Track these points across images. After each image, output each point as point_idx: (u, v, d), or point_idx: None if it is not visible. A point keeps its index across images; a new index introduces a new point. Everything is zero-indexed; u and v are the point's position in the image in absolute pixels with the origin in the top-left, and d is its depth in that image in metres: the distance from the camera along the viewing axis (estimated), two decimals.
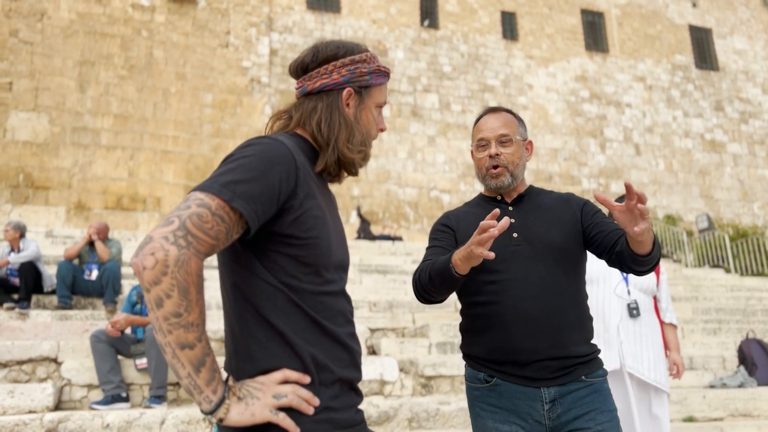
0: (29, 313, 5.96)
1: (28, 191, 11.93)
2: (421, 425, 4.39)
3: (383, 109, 1.43)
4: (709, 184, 17.39)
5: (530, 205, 1.88)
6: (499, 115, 1.90)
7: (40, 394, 4.15)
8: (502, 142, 1.85)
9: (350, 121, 1.31)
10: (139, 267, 1.03)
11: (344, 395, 1.20)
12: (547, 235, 1.80)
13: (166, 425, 3.94)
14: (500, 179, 1.84)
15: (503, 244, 1.79)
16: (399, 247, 11.65)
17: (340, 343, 1.20)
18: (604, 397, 1.75)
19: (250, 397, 1.10)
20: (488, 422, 1.74)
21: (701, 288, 10.73)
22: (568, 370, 1.72)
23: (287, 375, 1.13)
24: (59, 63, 12.68)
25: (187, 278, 1.04)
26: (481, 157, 1.87)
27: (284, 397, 1.10)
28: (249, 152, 1.16)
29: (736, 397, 4.91)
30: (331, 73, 1.31)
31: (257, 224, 1.12)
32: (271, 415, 1.09)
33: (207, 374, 1.06)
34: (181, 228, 1.05)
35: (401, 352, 5.56)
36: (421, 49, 15.99)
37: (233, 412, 1.08)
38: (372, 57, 1.37)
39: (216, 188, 1.10)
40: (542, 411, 1.71)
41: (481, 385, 1.78)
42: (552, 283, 1.75)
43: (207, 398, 1.07)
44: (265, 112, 14.00)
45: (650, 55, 18.14)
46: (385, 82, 1.38)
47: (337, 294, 1.24)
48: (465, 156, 15.36)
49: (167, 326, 1.03)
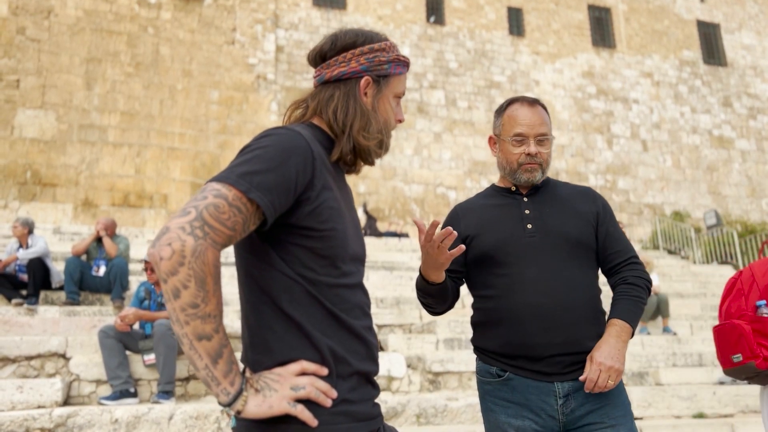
0: (37, 309, 5.99)
1: (36, 188, 11.98)
2: (429, 421, 4.37)
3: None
4: (717, 181, 17.28)
5: (546, 197, 1.84)
6: (536, 110, 1.83)
7: (48, 390, 4.16)
8: (540, 141, 1.81)
9: (367, 109, 1.28)
10: (156, 257, 1.02)
11: (361, 388, 1.19)
12: (562, 227, 1.77)
13: (174, 420, 3.94)
14: (534, 174, 1.81)
15: (517, 236, 1.76)
16: (405, 243, 11.64)
17: (357, 336, 1.19)
18: (619, 392, 1.73)
19: (268, 389, 1.09)
20: (501, 417, 1.72)
21: (709, 284, 10.67)
22: (582, 364, 1.70)
23: (305, 367, 1.12)
24: (66, 60, 12.71)
25: (204, 269, 1.03)
26: (517, 152, 1.81)
27: (302, 389, 1.09)
28: (266, 143, 1.15)
29: (747, 393, 4.87)
30: (350, 62, 1.29)
31: (274, 215, 1.11)
32: (288, 407, 1.08)
33: (224, 366, 1.06)
34: (198, 219, 1.04)
35: (409, 348, 5.55)
36: (427, 45, 15.94)
37: (251, 404, 1.07)
38: (391, 46, 1.34)
39: (233, 179, 1.09)
40: (556, 406, 1.68)
41: (493, 380, 1.76)
42: (566, 277, 1.72)
43: (224, 390, 1.06)
44: (271, 109, 14.00)
45: (657, 50, 18.03)
46: (405, 72, 1.35)
47: (354, 287, 1.23)
48: (471, 152, 15.31)
49: (184, 317, 1.03)
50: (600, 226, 1.82)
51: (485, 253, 1.78)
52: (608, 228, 1.82)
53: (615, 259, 1.80)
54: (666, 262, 12.73)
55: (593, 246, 1.81)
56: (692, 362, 6.05)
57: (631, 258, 1.82)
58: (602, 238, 1.81)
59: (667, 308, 7.27)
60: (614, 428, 1.66)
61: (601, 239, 1.81)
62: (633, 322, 1.70)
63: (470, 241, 1.81)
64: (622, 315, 1.70)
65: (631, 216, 16.24)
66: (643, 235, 15.97)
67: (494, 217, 1.82)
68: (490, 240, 1.78)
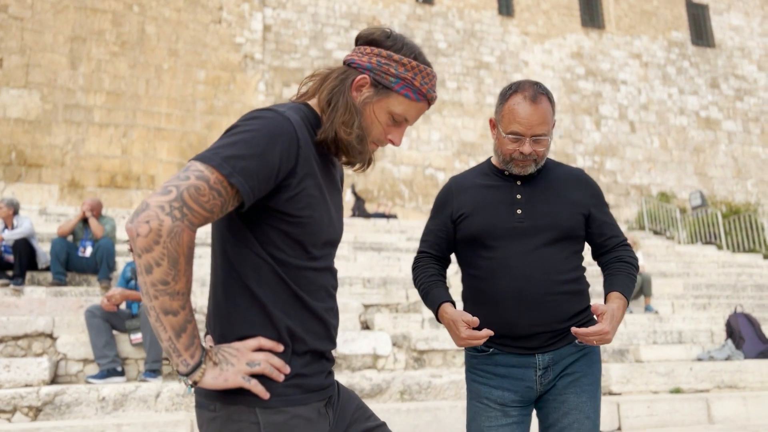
0: (24, 289, 5.99)
1: (21, 169, 11.88)
2: (413, 397, 4.46)
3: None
4: (704, 162, 17.42)
5: (539, 182, 1.85)
6: (538, 107, 1.73)
7: (36, 368, 4.19)
8: (537, 140, 1.75)
9: (352, 105, 1.27)
10: (133, 233, 1.06)
11: (315, 363, 1.25)
12: (551, 215, 1.80)
13: (161, 398, 3.99)
14: (525, 169, 1.80)
15: (506, 221, 1.80)
16: (394, 224, 11.69)
17: (317, 317, 1.25)
18: (592, 362, 1.81)
19: (225, 362, 1.15)
20: (482, 387, 1.81)
21: (693, 264, 10.83)
22: (561, 335, 1.77)
23: (262, 343, 1.18)
24: (50, 39, 12.52)
25: (178, 249, 1.07)
26: (511, 148, 1.77)
27: (257, 365, 1.16)
28: (253, 126, 1.17)
29: (723, 369, 4.99)
30: (364, 55, 1.29)
31: (252, 200, 1.15)
32: (243, 381, 1.15)
33: (187, 340, 1.12)
34: (177, 199, 1.08)
35: (394, 327, 5.63)
36: (416, 25, 15.84)
37: (208, 377, 1.14)
38: (417, 68, 1.28)
39: (216, 161, 1.12)
40: (535, 377, 1.77)
41: (479, 354, 1.84)
42: (549, 263, 1.77)
43: (184, 361, 1.13)
44: (259, 89, 13.90)
45: (646, 31, 18.03)
46: (413, 99, 1.29)
47: (323, 270, 1.28)
48: (460, 133, 15.32)
49: (154, 291, 1.08)
50: (592, 214, 1.86)
51: (474, 235, 1.82)
52: (601, 216, 1.88)
53: (609, 243, 1.88)
54: (651, 243, 12.88)
55: (581, 234, 1.85)
56: (672, 340, 6.18)
57: (624, 241, 1.90)
58: (596, 225, 1.86)
59: (650, 288, 7.40)
60: (578, 395, 1.76)
61: (594, 226, 1.86)
62: (629, 298, 1.80)
63: (462, 220, 1.85)
64: (623, 290, 1.77)
65: (618, 197, 16.37)
66: (629, 215, 16.12)
67: (486, 199, 1.85)
68: (481, 222, 1.82)
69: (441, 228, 1.91)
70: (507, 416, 1.76)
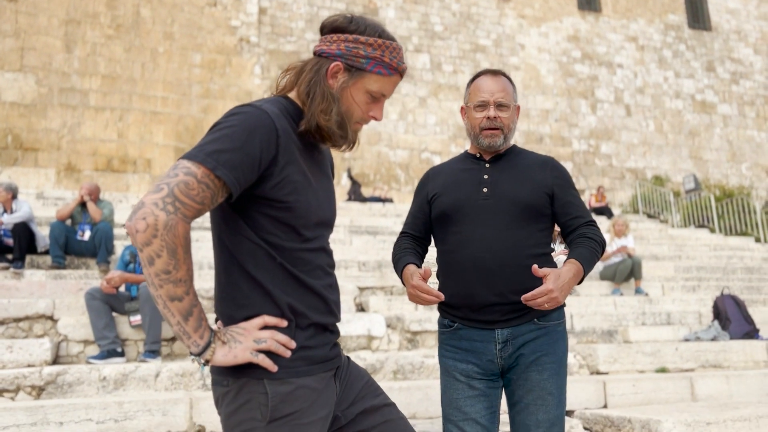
0: (24, 272, 6.07)
1: (17, 153, 11.90)
2: (406, 377, 4.58)
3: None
4: (699, 145, 17.50)
5: (506, 164, 2.00)
6: (498, 79, 1.98)
7: (38, 349, 4.29)
8: (500, 106, 1.96)
9: (329, 92, 1.34)
10: (133, 230, 1.17)
11: (319, 335, 1.35)
12: (513, 192, 1.93)
13: (161, 378, 4.10)
14: (494, 139, 1.96)
15: (473, 198, 1.94)
16: (389, 208, 11.78)
17: (315, 294, 1.35)
18: (554, 341, 1.90)
19: (233, 341, 1.26)
20: (449, 361, 1.94)
21: (685, 247, 10.96)
22: (520, 312, 1.87)
23: (267, 320, 1.29)
24: (44, 22, 12.47)
25: (174, 240, 1.18)
26: (479, 117, 1.97)
27: (264, 342, 1.27)
28: (233, 122, 1.27)
29: (708, 349, 5.13)
30: (332, 44, 1.36)
31: (239, 190, 1.25)
32: (251, 356, 1.26)
33: (194, 322, 1.23)
34: (169, 195, 1.18)
35: (389, 309, 5.74)
36: (412, 7, 15.78)
37: (218, 354, 1.25)
38: (384, 45, 1.36)
39: (201, 157, 1.22)
40: (495, 350, 1.89)
41: (446, 330, 1.98)
42: (511, 236, 1.88)
43: (195, 342, 1.24)
44: (254, 73, 13.88)
45: (643, 14, 17.99)
46: (386, 75, 1.37)
47: (317, 250, 1.37)
48: (456, 117, 15.35)
49: (158, 281, 1.19)
50: (557, 194, 1.96)
51: (444, 212, 1.97)
52: (565, 196, 1.97)
53: (574, 223, 1.97)
54: (645, 226, 13.01)
55: (545, 211, 1.95)
56: (660, 321, 6.31)
57: (590, 221, 1.98)
58: (559, 205, 1.96)
59: (640, 270, 7.52)
60: (540, 373, 1.86)
61: (558, 205, 1.96)
62: (587, 268, 1.86)
63: (434, 200, 2.02)
64: (581, 259, 1.84)
65: (613, 180, 16.46)
66: (624, 199, 16.23)
67: (457, 180, 2.01)
68: (450, 200, 1.97)
69: (419, 209, 2.07)
70: (473, 389, 1.88)
